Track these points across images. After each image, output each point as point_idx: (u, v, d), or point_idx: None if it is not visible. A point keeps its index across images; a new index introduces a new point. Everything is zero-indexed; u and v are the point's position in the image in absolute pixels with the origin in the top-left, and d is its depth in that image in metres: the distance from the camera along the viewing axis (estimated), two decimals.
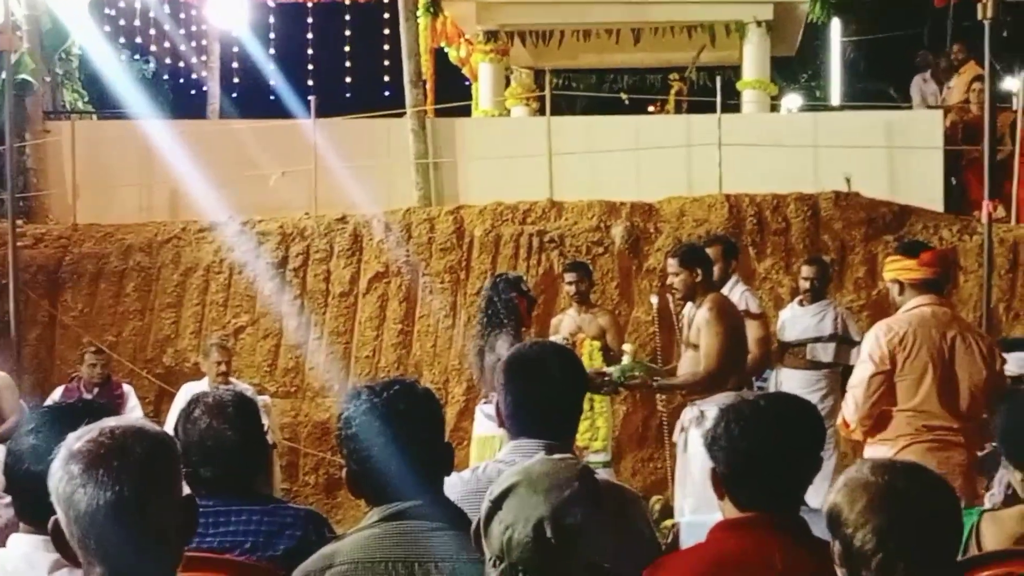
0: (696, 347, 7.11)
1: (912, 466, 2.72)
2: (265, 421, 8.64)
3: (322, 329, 12.08)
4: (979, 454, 5.99)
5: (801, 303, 9.65)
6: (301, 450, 11.63)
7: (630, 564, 3.16)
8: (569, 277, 9.66)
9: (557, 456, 2.69)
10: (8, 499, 3.14)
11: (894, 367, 5.89)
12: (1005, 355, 6.15)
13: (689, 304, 7.33)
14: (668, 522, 8.39)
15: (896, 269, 6.16)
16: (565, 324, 9.46)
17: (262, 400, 10.04)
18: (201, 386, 9.39)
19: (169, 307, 12.29)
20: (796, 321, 9.53)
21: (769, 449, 3.08)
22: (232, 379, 10.03)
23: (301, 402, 11.88)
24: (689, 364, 7.27)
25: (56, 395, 10.18)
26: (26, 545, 2.89)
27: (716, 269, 7.99)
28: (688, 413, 7.20)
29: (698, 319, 7.12)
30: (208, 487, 3.55)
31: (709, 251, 8.02)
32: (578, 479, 2.51)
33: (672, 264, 7.33)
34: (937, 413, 5.85)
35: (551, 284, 11.56)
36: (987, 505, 4.94)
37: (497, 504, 2.48)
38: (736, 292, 8.37)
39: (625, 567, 3.12)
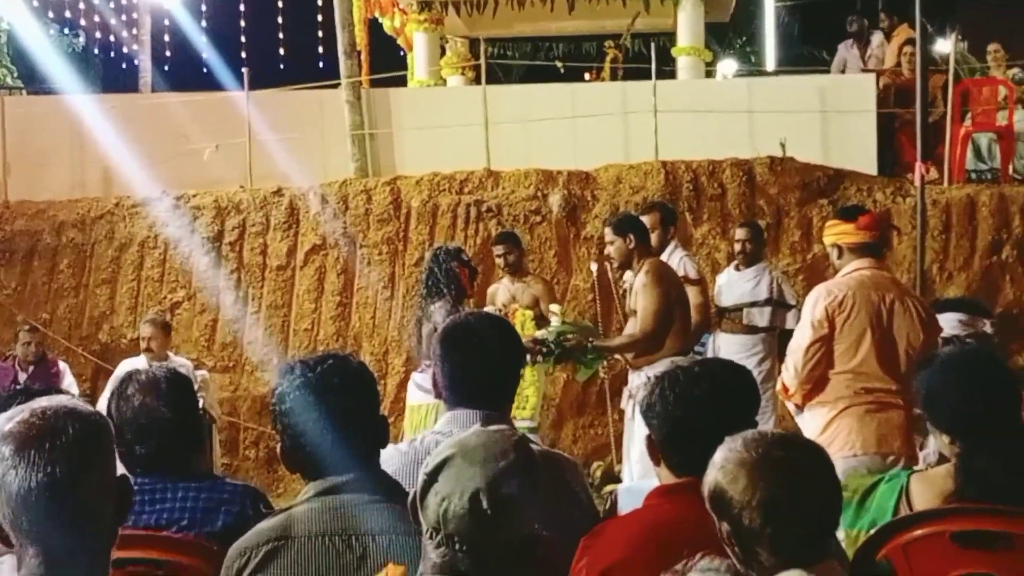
0: (637, 313, 7.15)
1: (783, 435, 2.71)
2: (203, 396, 8.66)
3: (260, 303, 12.02)
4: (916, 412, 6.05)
5: (737, 267, 9.73)
6: (241, 424, 11.58)
7: (568, 531, 3.17)
8: (497, 250, 9.62)
9: (493, 427, 2.69)
10: None
11: (833, 330, 5.94)
12: (938, 315, 6.21)
13: (629, 273, 7.37)
14: (610, 487, 8.42)
15: (835, 233, 6.21)
16: (500, 294, 9.46)
17: (200, 375, 9.97)
18: (139, 362, 9.32)
19: (104, 283, 12.18)
20: (732, 286, 9.60)
21: (704, 415, 3.10)
22: (169, 353, 9.96)
23: (240, 376, 11.82)
24: (632, 330, 7.31)
25: None
26: None
27: (654, 236, 8.04)
28: (636, 380, 7.20)
29: (636, 284, 7.16)
30: (144, 465, 3.53)
31: (647, 218, 8.07)
32: (514, 449, 2.52)
33: (607, 234, 7.41)
34: (876, 375, 5.90)
35: (489, 254, 11.48)
36: (922, 464, 5.00)
37: (433, 476, 2.49)
38: (675, 258, 8.40)
39: (563, 534, 3.13)
